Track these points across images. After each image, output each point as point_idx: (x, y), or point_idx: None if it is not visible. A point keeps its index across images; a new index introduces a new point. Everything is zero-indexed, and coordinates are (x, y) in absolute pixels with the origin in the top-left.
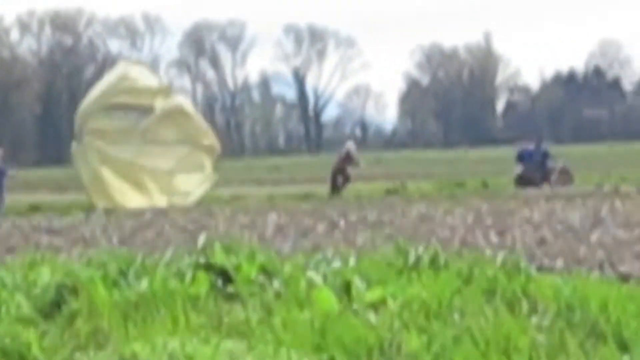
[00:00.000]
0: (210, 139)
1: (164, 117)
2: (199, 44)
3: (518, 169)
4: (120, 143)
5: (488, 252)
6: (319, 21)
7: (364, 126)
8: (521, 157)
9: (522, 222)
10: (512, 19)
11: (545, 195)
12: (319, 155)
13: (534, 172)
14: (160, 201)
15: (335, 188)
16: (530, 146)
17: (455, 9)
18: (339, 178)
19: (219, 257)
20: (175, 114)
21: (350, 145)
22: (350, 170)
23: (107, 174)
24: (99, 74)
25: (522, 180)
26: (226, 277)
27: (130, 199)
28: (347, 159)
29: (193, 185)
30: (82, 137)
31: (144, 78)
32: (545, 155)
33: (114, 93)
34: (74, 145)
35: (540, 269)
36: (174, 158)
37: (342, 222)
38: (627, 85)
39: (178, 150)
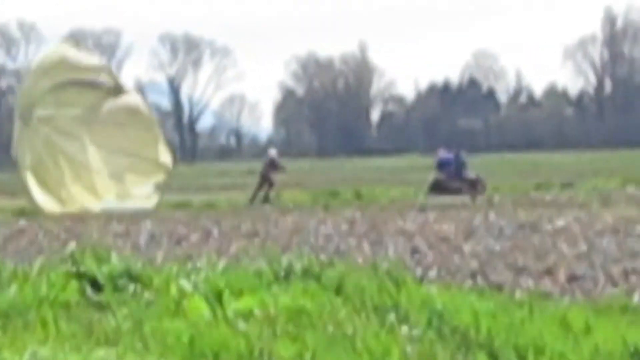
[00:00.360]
0: (163, 156)
1: (114, 123)
2: None
3: (433, 175)
4: (68, 134)
5: (361, 261)
6: (194, 31)
7: (238, 136)
8: (440, 165)
9: (396, 232)
10: (387, 30)
11: (419, 205)
12: (193, 164)
13: (451, 180)
14: (99, 201)
15: (257, 195)
16: (448, 154)
17: (330, 19)
18: (265, 185)
19: (90, 266)
20: (127, 121)
21: (273, 153)
22: (275, 177)
23: (51, 162)
24: None
25: (438, 187)
26: (97, 286)
27: (70, 192)
28: (272, 166)
29: (135, 194)
30: (29, 120)
31: (84, 57)
32: (463, 165)
33: (59, 72)
34: (20, 125)
35: (413, 278)
36: (115, 165)
37: (215, 232)
38: (502, 96)
39: (121, 159)
